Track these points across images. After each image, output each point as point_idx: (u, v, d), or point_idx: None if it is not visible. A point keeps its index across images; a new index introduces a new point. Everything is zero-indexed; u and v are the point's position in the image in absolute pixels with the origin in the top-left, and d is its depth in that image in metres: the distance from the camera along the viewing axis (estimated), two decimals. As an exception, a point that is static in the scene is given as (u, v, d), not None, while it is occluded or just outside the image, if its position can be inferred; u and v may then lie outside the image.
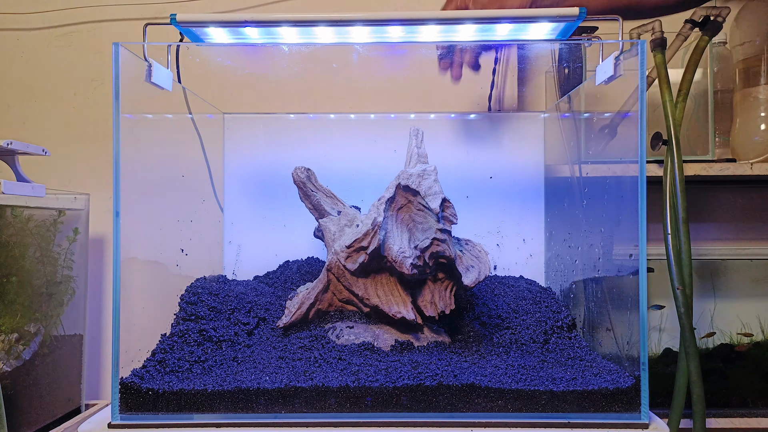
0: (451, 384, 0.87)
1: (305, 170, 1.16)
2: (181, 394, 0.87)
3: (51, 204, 1.19)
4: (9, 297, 1.10)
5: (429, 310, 1.02)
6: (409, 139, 1.18)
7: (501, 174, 1.43)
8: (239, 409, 0.87)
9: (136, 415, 0.87)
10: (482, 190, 1.43)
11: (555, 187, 1.37)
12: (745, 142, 1.28)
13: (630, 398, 0.87)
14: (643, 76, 0.90)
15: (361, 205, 1.21)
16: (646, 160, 0.91)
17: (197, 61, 1.28)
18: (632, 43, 0.96)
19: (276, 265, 1.41)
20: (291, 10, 1.53)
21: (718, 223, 1.51)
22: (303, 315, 1.09)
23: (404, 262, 0.99)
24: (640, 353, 0.88)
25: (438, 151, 1.22)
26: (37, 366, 1.15)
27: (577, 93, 1.22)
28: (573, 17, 0.98)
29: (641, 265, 0.88)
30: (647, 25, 1.17)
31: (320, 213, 1.17)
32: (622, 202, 0.96)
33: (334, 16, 1.00)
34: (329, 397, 0.87)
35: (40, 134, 1.50)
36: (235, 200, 1.45)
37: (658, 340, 1.34)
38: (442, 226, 1.01)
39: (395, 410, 0.87)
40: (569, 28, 1.06)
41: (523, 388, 0.87)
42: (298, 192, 1.17)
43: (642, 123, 0.89)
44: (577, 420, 0.86)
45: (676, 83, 1.17)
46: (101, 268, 1.47)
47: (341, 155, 1.43)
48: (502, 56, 1.47)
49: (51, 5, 1.50)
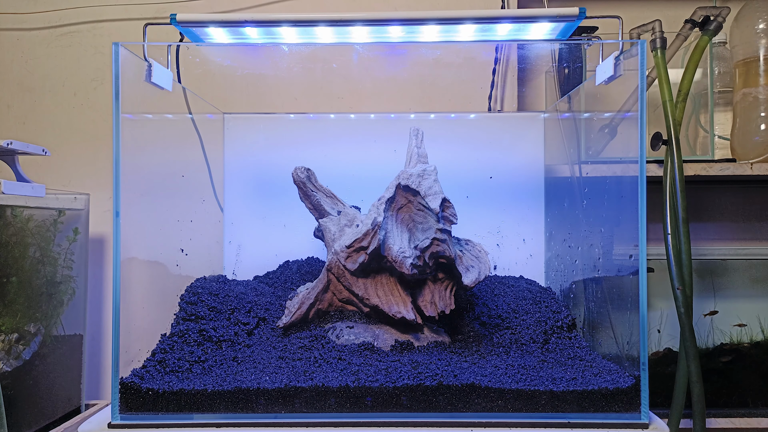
0: (451, 384, 0.87)
1: (305, 170, 1.16)
2: (181, 394, 0.87)
3: (51, 204, 1.19)
4: (9, 297, 1.10)
5: (429, 310, 1.02)
6: (409, 139, 1.18)
7: (501, 174, 1.43)
8: (239, 409, 0.87)
9: (136, 415, 0.87)
10: (482, 190, 1.43)
11: (555, 187, 1.37)
12: (745, 142, 1.28)
13: (630, 398, 0.87)
14: (643, 76, 0.90)
15: (361, 205, 1.21)
16: (646, 160, 0.91)
17: (197, 61, 1.28)
18: (632, 43, 0.96)
19: (276, 265, 1.41)
20: (291, 10, 1.53)
21: (718, 223, 1.51)
22: (303, 315, 1.09)
23: (404, 262, 0.99)
24: (640, 353, 0.88)
25: (438, 151, 1.21)
26: (37, 366, 1.15)
27: (577, 93, 1.22)
28: (573, 17, 0.98)
29: (641, 265, 0.88)
30: (647, 25, 1.17)
31: (320, 213, 1.17)
32: (622, 202, 0.96)
33: (334, 16, 1.00)
34: (329, 397, 0.87)
35: (40, 134, 1.50)
36: (235, 200, 1.45)
37: (658, 340, 1.34)
38: (442, 226, 1.01)
39: (395, 410, 0.87)
40: (569, 28, 1.06)
41: (523, 388, 0.87)
42: (298, 192, 1.17)
43: (642, 123, 0.89)
44: (577, 420, 0.86)
45: (676, 83, 1.17)
46: (101, 268, 1.47)
47: (341, 155, 1.43)
48: (502, 56, 1.47)
49: (51, 5, 1.50)
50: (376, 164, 1.40)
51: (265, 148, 1.44)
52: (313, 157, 1.42)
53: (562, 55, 1.34)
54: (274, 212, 1.44)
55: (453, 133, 1.44)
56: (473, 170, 1.43)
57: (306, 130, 1.44)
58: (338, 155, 1.43)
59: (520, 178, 1.43)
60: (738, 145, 1.30)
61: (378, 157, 1.41)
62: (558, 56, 1.36)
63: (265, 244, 1.44)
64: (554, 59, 1.37)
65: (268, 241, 1.44)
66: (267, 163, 1.44)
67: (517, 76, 1.49)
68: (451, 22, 1.02)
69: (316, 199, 1.16)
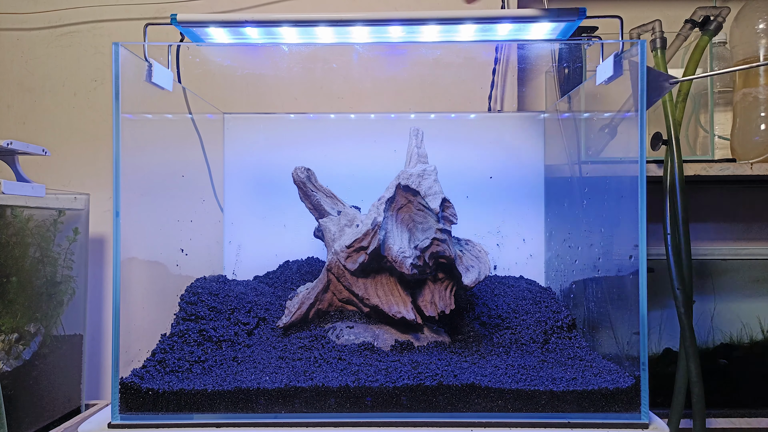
0: (451, 384, 0.87)
1: (305, 170, 1.16)
2: (181, 394, 0.87)
3: (51, 204, 1.19)
4: (9, 297, 1.10)
5: (429, 310, 1.02)
6: (409, 139, 1.18)
7: (501, 174, 1.43)
8: (239, 409, 0.87)
9: (136, 415, 0.87)
10: (482, 190, 1.43)
11: (555, 187, 1.37)
12: (745, 142, 1.28)
13: (630, 398, 0.87)
14: (643, 76, 0.90)
15: (361, 205, 1.21)
16: (646, 160, 0.91)
17: (197, 61, 1.28)
18: (632, 43, 0.96)
19: (276, 265, 1.41)
20: (291, 10, 1.53)
21: (718, 223, 1.51)
22: (303, 315, 1.09)
23: (404, 262, 0.99)
24: (640, 353, 0.88)
25: (438, 151, 1.21)
26: (37, 366, 1.15)
27: (577, 93, 1.22)
28: (573, 17, 0.98)
29: (641, 265, 0.88)
30: (647, 25, 1.17)
31: (320, 213, 1.17)
32: (622, 202, 0.96)
33: (334, 16, 1.00)
34: (329, 397, 0.87)
35: (40, 134, 1.50)
36: (235, 200, 1.45)
37: (658, 340, 1.34)
38: (442, 226, 1.01)
39: (395, 410, 0.87)
40: (570, 28, 1.06)
41: (523, 388, 0.87)
42: (298, 192, 1.17)
43: (642, 123, 0.89)
44: (577, 420, 0.86)
45: (676, 83, 1.17)
46: (101, 268, 1.47)
47: (341, 155, 1.43)
48: (502, 56, 1.47)
49: (51, 5, 1.50)
50: (376, 164, 1.40)
51: (265, 148, 1.44)
52: (313, 157, 1.42)
53: (562, 55, 1.34)
54: (274, 212, 1.44)
55: (453, 133, 1.44)
56: (473, 170, 1.43)
57: (306, 130, 1.44)
58: (338, 155, 1.43)
59: (520, 178, 1.43)
60: (738, 145, 1.30)
61: (378, 157, 1.41)
62: (558, 56, 1.36)
63: (265, 244, 1.44)
64: (554, 59, 1.37)
65: (268, 241, 1.44)
66: (267, 163, 1.44)
67: (517, 76, 1.49)
68: (450, 22, 1.02)
69: (316, 199, 1.16)
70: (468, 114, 1.45)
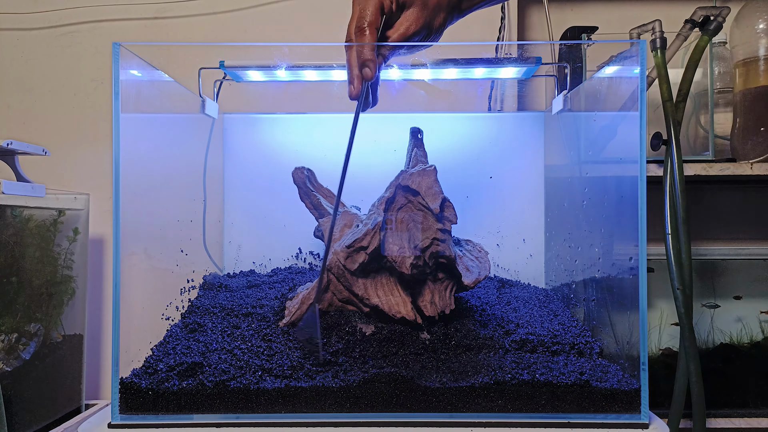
0: (451, 384, 0.87)
1: (305, 170, 1.16)
2: (181, 394, 0.87)
3: (51, 204, 1.19)
4: (9, 297, 1.10)
5: (429, 310, 1.02)
6: (409, 139, 1.18)
7: (501, 174, 1.43)
8: (239, 409, 0.87)
9: (136, 415, 0.87)
10: (482, 190, 1.43)
11: (555, 187, 1.37)
12: (745, 142, 1.28)
13: (630, 398, 0.87)
14: (643, 76, 0.90)
15: (361, 205, 1.21)
16: (646, 160, 0.91)
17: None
18: (632, 43, 0.96)
19: (276, 265, 1.41)
20: (291, 10, 1.54)
21: (718, 223, 1.51)
22: (303, 315, 1.09)
23: (404, 262, 0.99)
24: (640, 353, 0.88)
25: (438, 151, 1.21)
26: (37, 366, 1.15)
27: (577, 93, 1.22)
28: (532, 63, 1.25)
29: (641, 265, 0.88)
30: (647, 25, 1.17)
31: (320, 213, 1.17)
32: (622, 202, 0.96)
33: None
34: (329, 396, 0.87)
35: (40, 134, 1.50)
36: (235, 200, 1.45)
37: (658, 340, 1.34)
38: (442, 226, 1.01)
39: (395, 410, 0.87)
40: (530, 71, 1.29)
41: (523, 387, 0.87)
42: (298, 192, 1.17)
43: (642, 123, 0.89)
44: (577, 420, 0.86)
45: (676, 83, 1.17)
46: (101, 268, 1.47)
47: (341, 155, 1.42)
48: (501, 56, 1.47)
49: (51, 5, 1.50)
50: (376, 164, 1.40)
51: (265, 148, 1.44)
52: (313, 157, 1.42)
53: (562, 56, 1.34)
54: (274, 212, 1.44)
55: (453, 133, 1.44)
56: (473, 170, 1.43)
57: (306, 130, 1.44)
58: (338, 155, 1.42)
59: (520, 178, 1.43)
60: (738, 145, 1.30)
61: (378, 157, 1.41)
62: (558, 56, 1.36)
63: (265, 244, 1.44)
64: (554, 59, 1.37)
65: (268, 241, 1.44)
66: (267, 163, 1.44)
67: (517, 76, 1.49)
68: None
69: (316, 199, 1.16)
70: (468, 114, 1.45)
